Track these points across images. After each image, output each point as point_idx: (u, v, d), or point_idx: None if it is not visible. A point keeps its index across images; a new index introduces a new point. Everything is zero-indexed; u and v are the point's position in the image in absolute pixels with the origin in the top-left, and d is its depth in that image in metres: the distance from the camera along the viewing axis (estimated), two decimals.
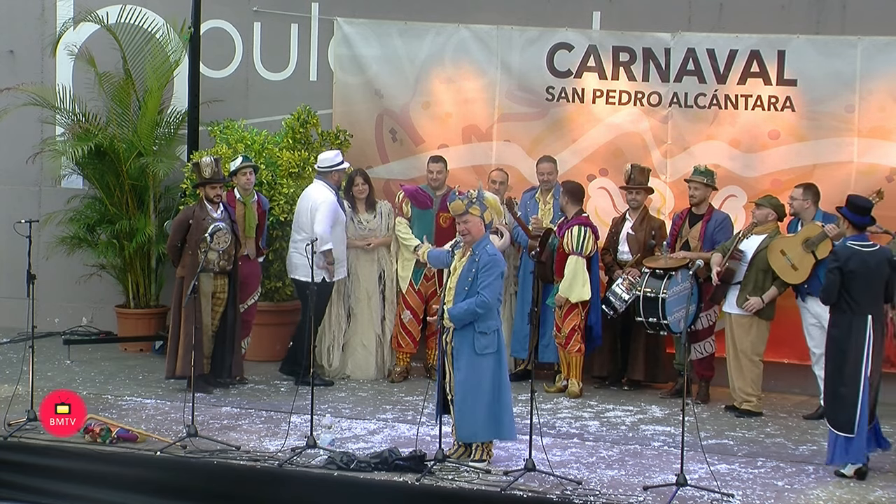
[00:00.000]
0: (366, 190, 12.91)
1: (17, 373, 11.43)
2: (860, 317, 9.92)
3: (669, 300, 12.08)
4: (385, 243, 12.96)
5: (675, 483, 9.33)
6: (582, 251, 12.28)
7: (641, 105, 13.19)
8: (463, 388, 9.87)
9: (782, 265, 11.65)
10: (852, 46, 12.55)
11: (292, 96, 14.06)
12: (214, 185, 12.12)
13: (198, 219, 12.03)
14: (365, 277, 12.93)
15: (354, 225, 12.87)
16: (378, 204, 13.02)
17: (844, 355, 9.92)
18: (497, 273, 9.77)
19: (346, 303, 12.94)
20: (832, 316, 10.09)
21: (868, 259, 9.94)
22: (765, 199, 11.91)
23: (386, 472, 9.78)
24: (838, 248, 10.16)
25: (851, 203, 10.30)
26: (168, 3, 14.43)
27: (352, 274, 12.89)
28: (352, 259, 12.87)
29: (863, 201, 10.30)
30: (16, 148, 14.83)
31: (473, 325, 9.78)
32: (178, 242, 12.15)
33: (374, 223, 12.92)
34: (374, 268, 12.97)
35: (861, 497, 9.54)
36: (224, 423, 11.14)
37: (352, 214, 12.85)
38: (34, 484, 10.33)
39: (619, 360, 12.96)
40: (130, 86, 14.23)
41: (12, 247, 13.28)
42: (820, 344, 11.24)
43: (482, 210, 9.85)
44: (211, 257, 12.06)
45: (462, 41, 13.68)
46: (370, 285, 12.94)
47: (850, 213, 10.21)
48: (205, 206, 12.13)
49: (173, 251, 12.23)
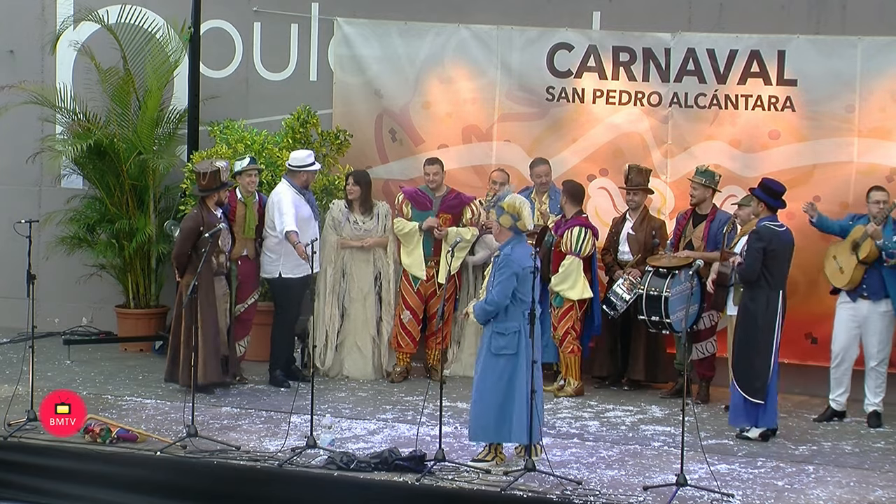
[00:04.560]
0: (357, 191, 12.82)
1: (17, 373, 11.43)
2: (774, 292, 10.84)
3: (672, 299, 12.08)
4: (381, 244, 12.91)
5: (675, 483, 9.33)
6: (580, 252, 12.28)
7: (641, 105, 13.19)
8: (477, 387, 9.96)
9: (833, 270, 11.72)
10: (852, 46, 12.55)
11: (292, 96, 14.06)
12: (227, 188, 12.19)
13: (209, 225, 11.99)
14: (360, 277, 12.90)
15: (350, 226, 12.83)
16: (376, 206, 12.96)
17: (758, 327, 10.80)
18: (508, 273, 9.78)
19: (340, 302, 12.91)
20: (749, 291, 10.87)
21: (783, 238, 10.91)
22: (747, 198, 11.89)
23: (386, 472, 9.78)
24: (761, 229, 10.88)
25: (766, 186, 11.07)
26: (168, 3, 14.43)
27: (347, 274, 12.88)
28: (347, 259, 12.86)
29: (777, 185, 11.08)
30: (16, 148, 14.83)
31: (492, 324, 9.85)
32: (187, 251, 12.03)
33: (370, 224, 12.87)
34: (370, 268, 12.93)
35: (861, 497, 9.54)
36: (224, 423, 11.14)
37: (348, 215, 12.83)
38: (34, 484, 10.33)
39: (619, 360, 12.97)
40: (130, 85, 14.24)
41: (12, 247, 13.28)
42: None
43: (498, 215, 10.00)
44: (221, 260, 12.10)
45: (462, 41, 13.68)
46: (365, 285, 12.91)
47: (766, 196, 11.00)
48: (210, 211, 12.12)
49: (183, 259, 12.06)
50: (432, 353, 13.15)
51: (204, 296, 11.86)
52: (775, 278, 10.85)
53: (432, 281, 12.97)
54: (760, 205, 11.06)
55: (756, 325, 10.83)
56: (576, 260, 12.28)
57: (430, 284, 12.98)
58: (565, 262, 12.28)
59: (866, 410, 11.72)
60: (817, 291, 12.48)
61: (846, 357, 11.73)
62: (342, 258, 12.87)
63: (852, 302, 11.64)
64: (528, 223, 10.05)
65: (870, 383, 11.71)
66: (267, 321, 12.99)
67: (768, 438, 10.98)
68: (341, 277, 12.90)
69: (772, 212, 11.00)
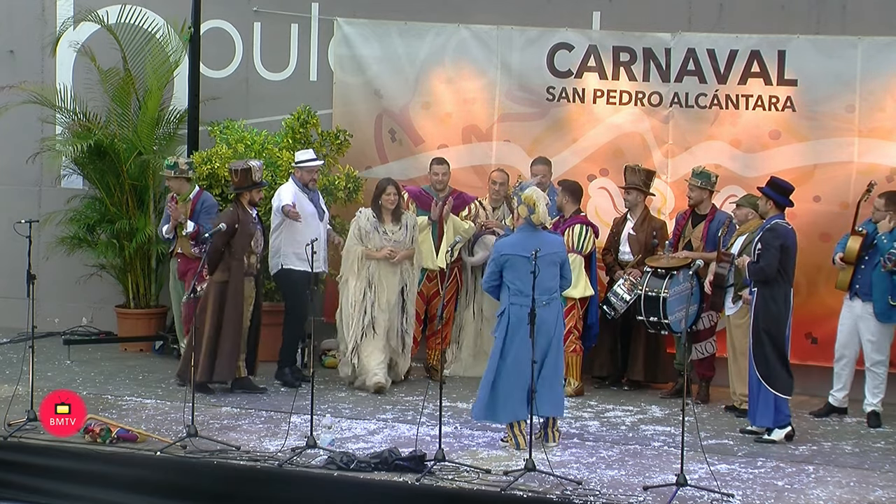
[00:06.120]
0: (396, 200, 12.42)
1: (17, 373, 11.42)
2: (789, 288, 10.93)
3: (671, 300, 12.09)
4: (409, 256, 12.53)
5: (675, 483, 9.32)
6: (582, 250, 12.29)
7: (642, 105, 13.19)
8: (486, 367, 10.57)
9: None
10: (852, 46, 12.55)
11: (292, 96, 14.06)
12: (260, 188, 12.20)
13: (243, 223, 12.03)
14: (388, 289, 12.45)
15: (379, 235, 12.38)
16: (404, 215, 12.56)
17: (779, 325, 10.78)
18: (490, 258, 10.65)
19: (366, 311, 12.47)
20: (768, 289, 10.80)
21: (793, 236, 10.97)
22: (744, 198, 11.92)
23: (386, 472, 9.77)
24: (777, 227, 10.86)
25: (776, 185, 11.07)
26: (168, 3, 14.43)
27: (373, 285, 12.44)
28: (373, 270, 12.48)
29: (785, 184, 11.09)
30: (16, 148, 14.83)
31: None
32: (222, 247, 12.01)
33: (400, 234, 12.44)
34: (397, 280, 12.46)
35: (861, 497, 9.53)
36: (224, 423, 11.13)
37: (376, 225, 12.42)
38: (34, 484, 10.32)
39: (619, 360, 12.96)
40: (130, 85, 14.24)
41: (12, 247, 13.27)
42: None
43: (517, 205, 10.57)
44: (252, 261, 12.13)
45: (462, 41, 13.69)
46: (392, 297, 12.46)
47: (776, 194, 10.99)
48: (247, 211, 12.15)
49: (216, 256, 12.03)
50: (432, 353, 13.15)
51: (232, 296, 11.97)
52: (789, 275, 10.93)
53: (434, 282, 12.96)
54: (770, 203, 11.04)
55: (778, 324, 10.80)
56: (578, 258, 12.27)
57: (433, 285, 12.97)
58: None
59: (865, 410, 11.74)
60: (817, 291, 12.50)
61: (845, 353, 11.78)
62: (368, 269, 12.45)
63: (849, 300, 11.71)
64: (543, 217, 10.37)
65: (868, 383, 11.73)
66: (267, 321, 12.98)
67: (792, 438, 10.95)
68: (367, 288, 12.46)
69: (780, 210, 11.01)
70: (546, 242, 10.37)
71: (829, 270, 11.98)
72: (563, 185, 12.57)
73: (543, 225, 10.46)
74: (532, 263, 9.83)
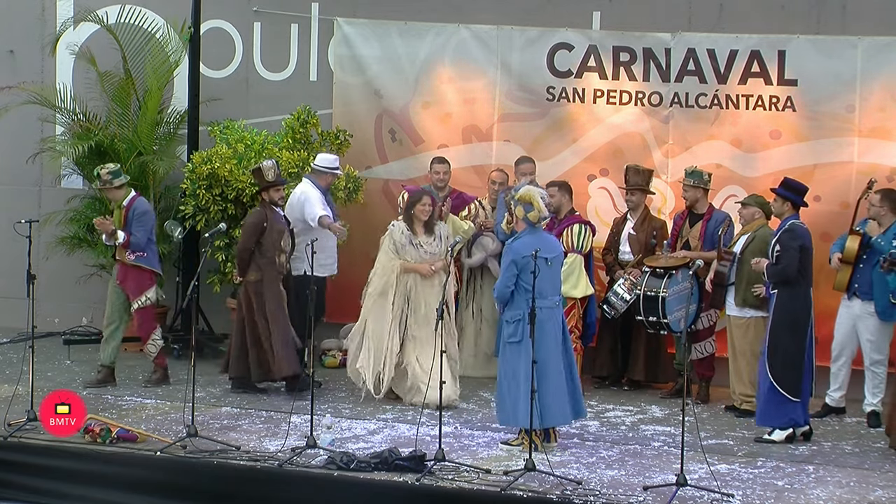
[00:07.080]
0: (430, 211, 12.08)
1: (17, 373, 11.42)
2: (809, 288, 10.93)
3: (669, 299, 12.09)
4: (444, 267, 12.01)
5: (675, 483, 9.33)
6: (581, 249, 12.30)
7: (642, 105, 13.19)
8: (498, 374, 10.52)
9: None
10: (852, 46, 12.55)
11: (292, 96, 14.06)
12: (279, 187, 12.18)
13: (272, 222, 12.06)
14: (427, 303, 11.94)
15: (414, 249, 12.00)
16: (437, 225, 12.16)
17: (798, 325, 10.77)
18: (507, 262, 10.33)
19: (402, 324, 12.07)
20: (789, 290, 10.78)
21: (810, 236, 11.00)
22: (750, 198, 11.92)
23: (386, 472, 9.77)
24: (796, 228, 10.88)
25: (790, 185, 11.11)
26: (168, 3, 14.43)
27: (411, 300, 12.06)
28: (411, 284, 12.10)
29: (800, 185, 11.14)
30: (16, 148, 14.83)
31: (505, 313, 10.39)
32: (252, 246, 12.05)
33: (434, 246, 12.04)
34: (435, 292, 11.82)
35: (861, 497, 9.53)
36: (224, 423, 11.14)
37: (410, 237, 12.02)
38: (34, 484, 10.33)
39: (619, 360, 12.96)
40: (130, 86, 14.23)
41: (12, 247, 13.26)
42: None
43: (514, 207, 10.50)
44: (282, 260, 12.14)
45: (462, 41, 13.68)
46: (431, 311, 11.62)
47: (791, 195, 11.02)
48: (273, 210, 12.16)
49: (246, 255, 12.05)
50: None
51: (269, 292, 12.03)
52: (809, 275, 10.96)
53: None
54: (787, 204, 11.04)
55: (802, 325, 10.80)
56: (578, 257, 12.28)
57: None
58: (567, 260, 12.22)
59: (865, 410, 11.74)
60: (817, 291, 12.46)
61: (842, 353, 11.78)
62: (405, 283, 12.04)
63: (848, 300, 11.70)
64: (542, 210, 10.34)
65: (867, 383, 11.73)
66: None
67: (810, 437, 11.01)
68: (405, 303, 12.05)
69: (796, 210, 11.04)
70: (549, 242, 10.41)
71: (829, 270, 11.96)
72: (560, 185, 12.56)
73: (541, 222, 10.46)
74: (533, 263, 9.84)
